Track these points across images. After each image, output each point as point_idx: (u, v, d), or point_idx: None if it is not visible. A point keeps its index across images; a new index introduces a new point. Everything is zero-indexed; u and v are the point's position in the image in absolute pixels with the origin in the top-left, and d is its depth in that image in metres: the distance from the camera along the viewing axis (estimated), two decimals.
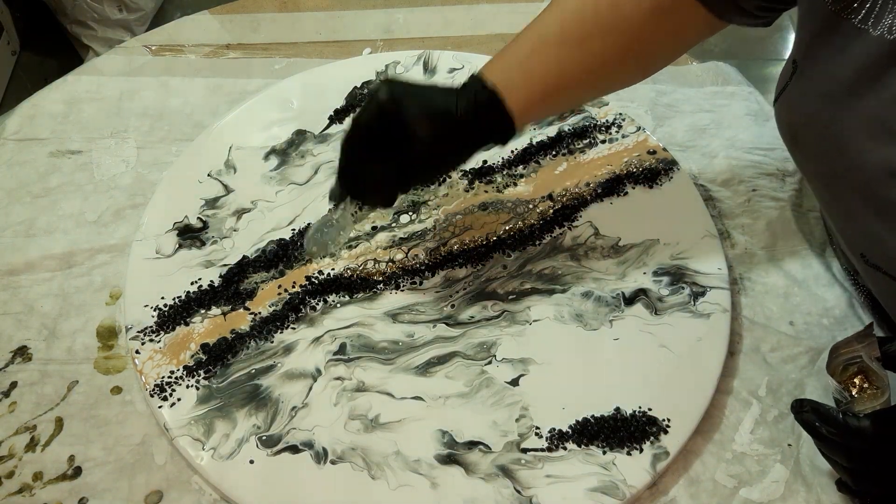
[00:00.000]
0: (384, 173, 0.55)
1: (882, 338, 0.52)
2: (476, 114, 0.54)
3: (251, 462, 0.56)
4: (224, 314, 0.63)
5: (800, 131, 0.53)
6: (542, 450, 0.56)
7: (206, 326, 0.62)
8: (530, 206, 0.70)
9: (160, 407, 0.58)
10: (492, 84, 0.54)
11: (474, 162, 0.73)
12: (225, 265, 0.66)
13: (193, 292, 0.64)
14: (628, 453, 0.56)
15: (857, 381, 0.53)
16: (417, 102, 0.53)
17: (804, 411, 0.51)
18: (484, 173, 0.72)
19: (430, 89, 0.55)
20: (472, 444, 0.57)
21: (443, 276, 0.66)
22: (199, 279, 0.65)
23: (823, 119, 0.50)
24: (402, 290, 0.65)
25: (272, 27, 0.87)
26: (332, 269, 0.66)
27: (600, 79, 0.58)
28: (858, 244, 0.53)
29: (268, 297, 0.64)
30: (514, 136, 0.57)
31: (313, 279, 0.65)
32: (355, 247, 0.67)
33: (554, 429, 0.57)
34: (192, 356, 0.61)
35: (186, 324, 0.63)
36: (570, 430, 0.57)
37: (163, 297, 0.64)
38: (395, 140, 0.53)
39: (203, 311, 0.63)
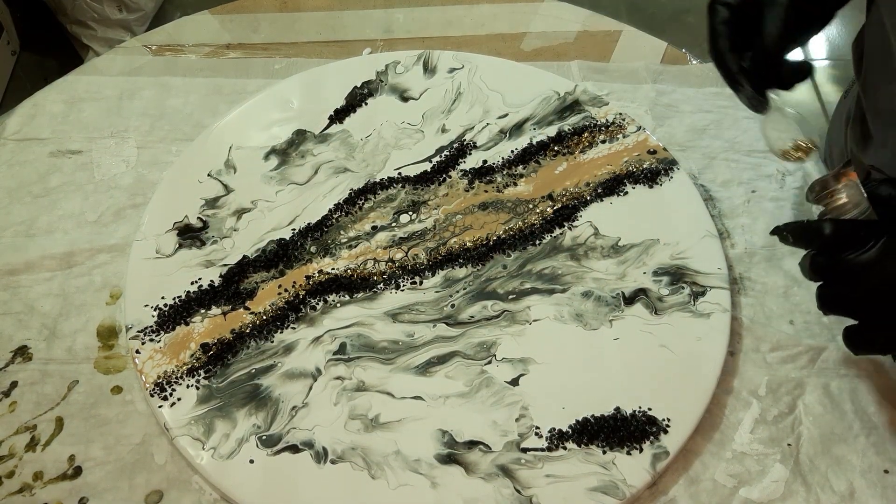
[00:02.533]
0: (772, 43, 0.56)
1: (866, 180, 0.51)
2: None
3: (251, 462, 0.56)
4: (224, 314, 0.63)
5: None
6: (542, 449, 0.56)
7: (206, 326, 0.62)
8: (530, 206, 0.70)
9: (160, 407, 0.58)
10: None
11: (474, 162, 0.73)
12: (225, 265, 0.66)
13: (193, 292, 0.64)
14: (628, 453, 0.56)
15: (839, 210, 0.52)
16: None
17: (778, 228, 0.51)
18: (484, 173, 0.72)
19: None
20: (472, 444, 0.57)
21: (443, 276, 0.66)
22: (200, 279, 0.65)
23: None
24: (402, 290, 0.65)
25: (272, 27, 0.87)
26: (333, 269, 0.66)
27: None
28: None
29: (268, 296, 0.64)
30: None
31: (313, 279, 0.65)
32: (355, 246, 0.68)
33: (554, 428, 0.57)
34: (193, 355, 0.61)
35: (186, 323, 0.63)
36: (569, 430, 0.57)
37: (163, 297, 0.64)
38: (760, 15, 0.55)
39: (203, 311, 0.63)
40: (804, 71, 0.57)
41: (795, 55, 0.58)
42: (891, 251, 0.47)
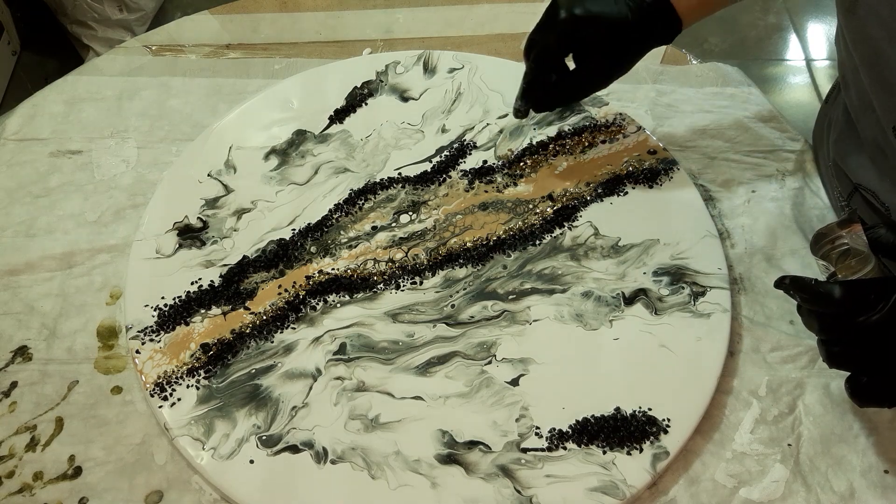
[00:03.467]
0: (566, 83, 0.65)
1: (867, 226, 0.52)
2: (647, 18, 0.62)
3: (251, 462, 0.56)
4: (224, 314, 0.63)
5: None
6: (542, 449, 0.56)
7: (207, 326, 0.62)
8: (530, 206, 0.70)
9: (160, 407, 0.58)
10: None
11: (474, 162, 0.73)
12: (225, 265, 0.66)
13: (193, 292, 0.64)
14: (628, 453, 0.56)
15: (843, 263, 0.52)
16: (593, 15, 0.61)
17: (783, 283, 0.51)
18: (484, 173, 0.72)
19: (601, 2, 0.62)
20: (472, 444, 0.57)
21: (443, 276, 0.66)
22: (200, 279, 0.65)
23: None
24: (402, 290, 0.65)
25: (272, 27, 0.87)
26: (333, 269, 0.66)
27: None
28: (894, 116, 0.53)
29: (268, 296, 0.64)
30: (677, 34, 0.65)
31: (313, 279, 0.65)
32: (355, 246, 0.68)
33: (554, 428, 0.57)
34: (193, 355, 0.61)
35: (186, 323, 0.63)
36: (570, 430, 0.57)
37: (163, 297, 0.64)
38: (575, 50, 0.63)
39: (203, 311, 0.63)
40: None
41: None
42: None
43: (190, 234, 0.68)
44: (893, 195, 0.58)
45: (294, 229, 0.68)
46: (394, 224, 0.69)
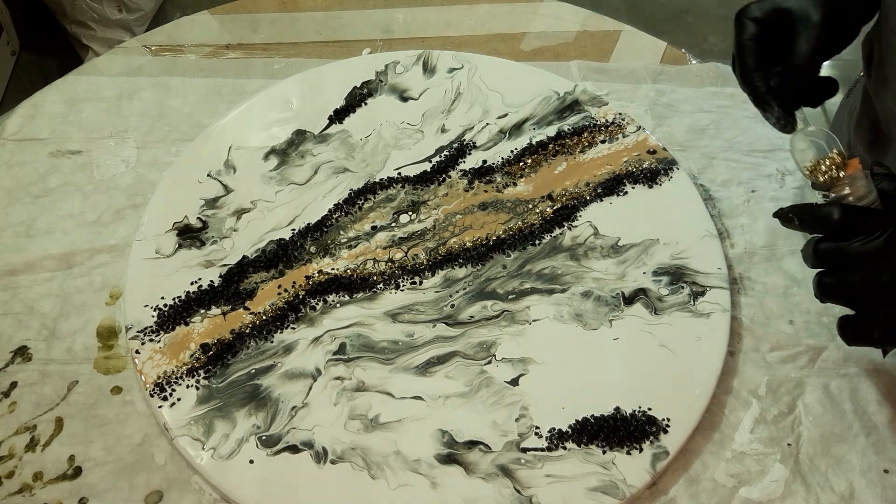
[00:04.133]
0: (804, 60, 0.55)
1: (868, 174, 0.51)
2: None
3: (251, 462, 0.56)
4: (224, 314, 0.63)
5: None
6: (542, 449, 0.56)
7: (206, 326, 0.62)
8: (530, 206, 0.70)
9: (160, 407, 0.58)
10: None
11: (474, 161, 0.73)
12: (225, 265, 0.66)
13: (193, 292, 0.64)
14: (628, 453, 0.56)
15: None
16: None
17: (782, 210, 0.50)
18: (484, 173, 0.72)
19: None
20: (471, 444, 0.57)
21: (443, 276, 0.66)
22: (199, 279, 0.65)
23: None
24: (402, 290, 0.65)
25: (272, 27, 0.87)
26: (333, 269, 0.66)
27: None
28: None
29: (267, 296, 0.64)
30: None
31: (313, 279, 0.65)
32: (355, 246, 0.68)
33: (554, 428, 0.57)
34: (192, 355, 0.61)
35: (186, 324, 0.63)
36: (569, 430, 0.57)
37: (163, 297, 0.64)
38: (788, 33, 0.55)
39: (203, 311, 0.63)
40: (831, 87, 0.57)
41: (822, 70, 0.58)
42: None
43: (190, 235, 0.68)
44: None
45: (294, 229, 0.68)
46: (393, 224, 0.69)
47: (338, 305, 0.64)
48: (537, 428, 0.57)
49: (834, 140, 0.55)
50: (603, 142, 0.75)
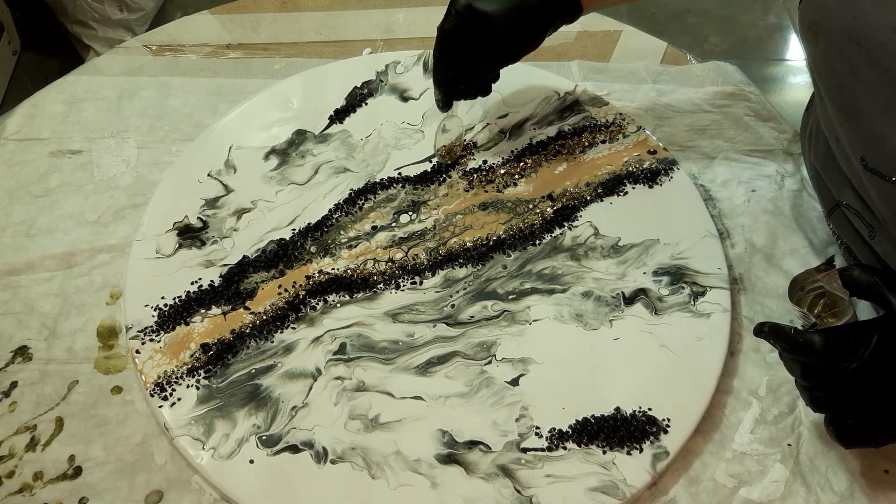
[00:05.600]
0: (473, 66, 0.66)
1: (842, 268, 0.53)
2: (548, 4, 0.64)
3: (251, 462, 0.56)
4: (224, 314, 0.63)
5: (822, 29, 0.54)
6: (542, 449, 0.56)
7: (206, 326, 0.62)
8: (530, 206, 0.70)
9: (160, 407, 0.58)
10: None
11: (474, 162, 0.73)
12: (225, 265, 0.66)
13: (193, 292, 0.64)
14: (628, 453, 0.56)
15: (819, 307, 0.54)
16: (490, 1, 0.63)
17: (763, 331, 0.52)
18: (484, 173, 0.72)
19: None
20: (472, 444, 0.57)
21: (443, 276, 0.66)
22: (200, 279, 0.65)
23: (847, 15, 0.51)
24: (402, 290, 0.65)
25: (272, 27, 0.87)
26: (333, 269, 0.66)
27: None
28: (860, 147, 0.54)
29: (268, 296, 0.64)
30: (580, 15, 0.67)
31: (313, 279, 0.65)
32: (355, 247, 0.68)
33: (554, 428, 0.57)
34: (193, 355, 0.61)
35: (186, 323, 0.63)
36: (570, 430, 0.57)
37: (163, 297, 0.64)
38: (476, 35, 0.64)
39: (203, 311, 0.63)
40: (487, 88, 0.70)
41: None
42: (882, 355, 0.48)
43: (190, 234, 0.68)
44: (874, 218, 0.58)
45: (294, 229, 0.68)
46: (394, 224, 0.69)
47: (338, 305, 0.64)
48: (537, 428, 0.57)
49: (461, 137, 0.73)
50: (603, 142, 0.75)
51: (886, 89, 0.49)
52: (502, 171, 0.73)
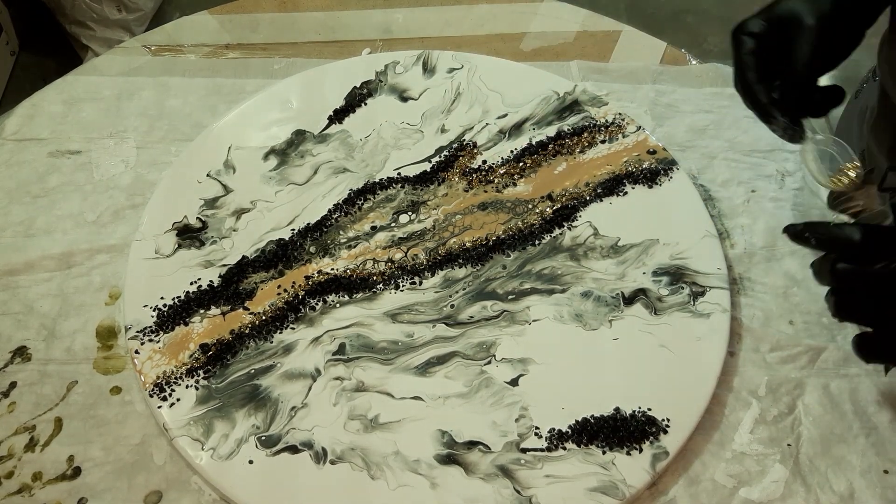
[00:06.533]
0: (801, 70, 0.55)
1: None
2: None
3: (250, 462, 0.56)
4: (223, 314, 0.63)
5: None
6: (542, 450, 0.56)
7: (206, 326, 0.62)
8: (530, 206, 0.70)
9: (159, 407, 0.58)
10: None
11: (473, 162, 0.73)
12: (224, 265, 0.66)
13: (193, 292, 0.64)
14: (628, 453, 0.56)
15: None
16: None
17: (795, 228, 0.49)
18: (483, 173, 0.72)
19: None
20: (471, 444, 0.57)
21: (442, 276, 0.66)
22: (199, 279, 0.65)
23: None
24: (402, 291, 0.65)
25: (271, 27, 0.87)
26: (332, 269, 0.66)
27: None
28: None
29: (267, 297, 0.64)
30: None
31: (312, 279, 0.65)
32: (354, 247, 0.67)
33: (553, 429, 0.57)
34: (192, 356, 0.61)
35: (186, 324, 0.63)
36: (569, 430, 0.57)
37: (162, 297, 0.64)
38: (786, 44, 0.55)
39: (202, 312, 0.63)
40: (837, 96, 0.56)
41: (824, 79, 0.57)
42: None
43: (189, 235, 0.68)
44: None
45: (293, 229, 0.68)
46: (393, 224, 0.69)
47: (337, 305, 0.64)
48: (537, 428, 0.57)
49: (845, 148, 0.54)
50: (603, 142, 0.75)
51: None
52: (502, 171, 0.72)
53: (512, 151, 0.74)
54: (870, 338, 0.48)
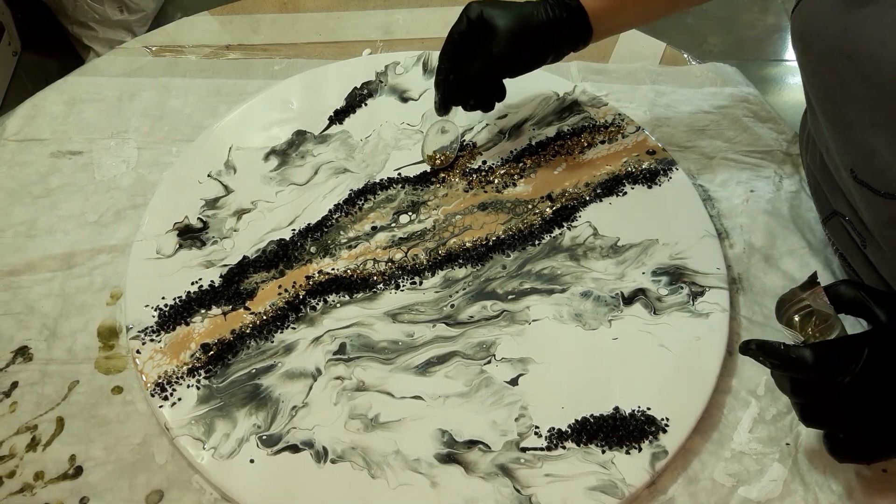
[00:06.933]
0: (474, 72, 0.66)
1: (827, 285, 0.52)
2: (557, 19, 0.65)
3: (251, 461, 0.56)
4: (224, 314, 0.63)
5: (812, 40, 0.53)
6: (542, 449, 0.57)
7: (207, 326, 0.63)
8: (529, 207, 0.70)
9: (161, 407, 0.58)
10: None
11: (473, 162, 0.73)
12: (225, 265, 0.66)
13: (194, 292, 0.65)
14: (627, 452, 0.56)
15: (809, 326, 0.53)
16: (502, 11, 0.65)
17: (749, 348, 0.51)
18: (483, 173, 0.73)
19: (515, 4, 0.66)
20: (471, 444, 0.57)
21: (442, 276, 0.66)
22: (200, 279, 0.65)
23: (838, 26, 0.50)
24: (402, 290, 0.65)
25: (272, 28, 0.88)
26: (333, 269, 0.66)
27: None
28: (849, 159, 0.53)
29: (268, 297, 0.64)
30: (590, 41, 0.67)
31: (313, 279, 0.65)
32: (355, 247, 0.68)
33: (553, 428, 0.57)
34: (193, 355, 0.61)
35: (187, 323, 0.63)
36: (569, 430, 0.57)
37: (163, 297, 0.64)
38: (481, 43, 0.65)
39: (203, 311, 0.64)
40: (500, 94, 0.69)
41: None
42: (873, 369, 0.47)
43: (190, 235, 0.68)
44: (865, 229, 0.58)
45: (294, 229, 0.69)
46: (393, 224, 0.69)
47: (338, 305, 0.64)
48: (537, 427, 0.58)
49: (454, 146, 0.73)
50: (602, 142, 0.75)
51: (876, 103, 0.49)
52: (501, 172, 0.73)
53: (512, 152, 0.74)
54: (840, 441, 0.51)
